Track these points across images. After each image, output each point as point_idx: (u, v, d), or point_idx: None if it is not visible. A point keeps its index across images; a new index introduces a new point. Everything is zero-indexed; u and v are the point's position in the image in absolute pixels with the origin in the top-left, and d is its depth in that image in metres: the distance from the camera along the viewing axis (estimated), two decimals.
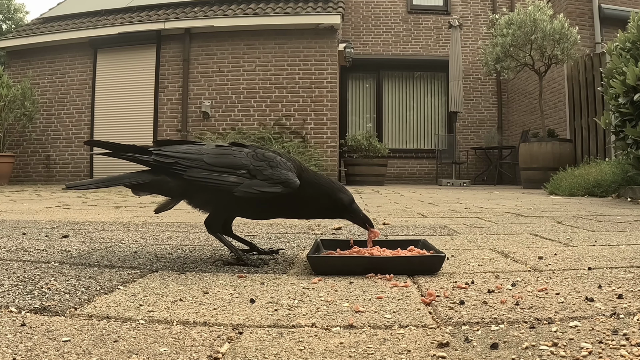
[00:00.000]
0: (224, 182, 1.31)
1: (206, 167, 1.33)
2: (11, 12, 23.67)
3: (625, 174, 5.06)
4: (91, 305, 0.95)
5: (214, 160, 1.34)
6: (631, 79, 4.39)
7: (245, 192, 1.30)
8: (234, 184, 1.31)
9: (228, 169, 1.33)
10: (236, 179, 1.32)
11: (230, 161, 1.34)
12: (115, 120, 10.21)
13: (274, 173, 1.32)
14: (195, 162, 1.33)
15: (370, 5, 12.84)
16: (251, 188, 1.30)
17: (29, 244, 1.73)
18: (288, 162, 1.36)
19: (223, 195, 1.34)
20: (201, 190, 1.36)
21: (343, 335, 0.79)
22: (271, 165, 1.33)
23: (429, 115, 12.99)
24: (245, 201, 1.33)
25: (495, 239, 1.92)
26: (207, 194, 1.37)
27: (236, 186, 1.31)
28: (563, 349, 0.70)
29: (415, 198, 5.13)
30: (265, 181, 1.32)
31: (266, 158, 1.35)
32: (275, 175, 1.32)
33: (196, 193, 1.39)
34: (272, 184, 1.31)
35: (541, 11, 8.01)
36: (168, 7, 10.86)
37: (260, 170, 1.32)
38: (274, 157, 1.35)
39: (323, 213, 1.43)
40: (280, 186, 1.31)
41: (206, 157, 1.34)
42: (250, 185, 1.31)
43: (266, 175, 1.32)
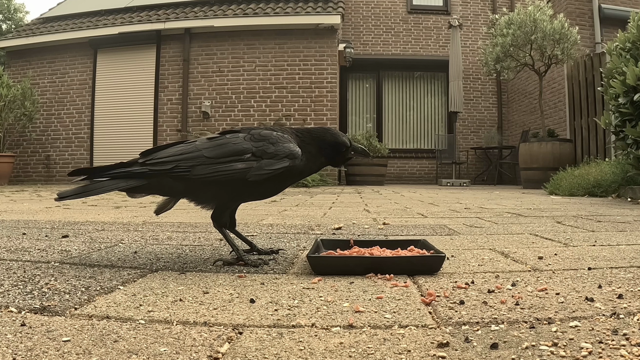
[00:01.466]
0: (234, 171, 1.30)
1: (209, 161, 1.30)
2: (11, 12, 23.67)
3: (625, 174, 5.06)
4: (91, 305, 0.95)
5: (214, 153, 1.31)
6: (631, 79, 4.39)
7: (259, 174, 1.31)
8: (245, 170, 1.30)
9: (232, 156, 1.31)
10: (244, 164, 1.31)
11: (231, 149, 1.32)
12: (115, 120, 10.21)
13: (278, 149, 1.33)
14: (196, 159, 1.30)
15: (370, 5, 12.84)
16: (262, 169, 1.31)
17: (29, 244, 1.72)
18: (285, 135, 1.37)
19: (234, 184, 1.33)
20: (207, 185, 1.33)
21: (343, 335, 0.79)
22: (272, 142, 1.34)
23: (429, 115, 12.99)
24: (256, 184, 1.34)
25: (495, 239, 1.92)
26: (214, 188, 1.35)
27: (247, 171, 1.30)
28: (563, 349, 0.70)
29: (415, 198, 5.13)
30: (273, 159, 1.32)
31: (264, 137, 1.35)
32: (280, 150, 1.33)
33: (202, 189, 1.36)
34: (280, 160, 1.32)
35: (541, 11, 8.02)
36: (168, 7, 10.86)
37: (264, 150, 1.32)
38: (271, 134, 1.36)
39: (329, 163, 1.46)
40: (286, 160, 1.33)
41: (205, 151, 1.32)
42: (261, 167, 1.31)
43: (271, 153, 1.32)
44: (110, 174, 1.31)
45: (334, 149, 1.43)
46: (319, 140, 1.42)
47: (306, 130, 1.46)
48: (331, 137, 1.43)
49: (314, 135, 1.43)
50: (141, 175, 1.31)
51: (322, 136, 1.43)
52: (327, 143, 1.42)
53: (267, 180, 1.35)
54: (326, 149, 1.42)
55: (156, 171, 1.30)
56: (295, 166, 1.35)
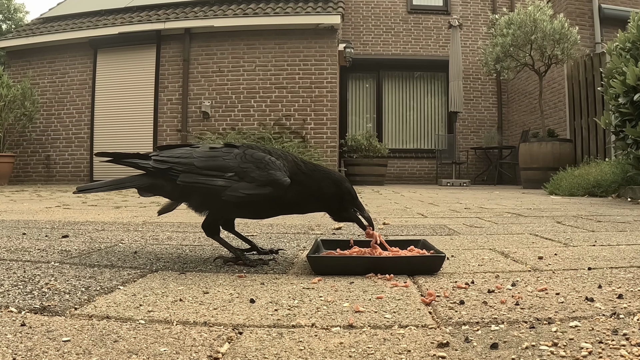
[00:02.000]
0: (212, 186, 1.30)
1: (196, 171, 1.32)
2: (11, 12, 23.67)
3: (625, 174, 5.06)
4: (91, 305, 0.95)
5: (203, 164, 1.33)
6: (631, 79, 4.39)
7: (232, 195, 1.28)
8: (222, 188, 1.29)
9: (217, 172, 1.31)
10: (223, 182, 1.29)
11: (219, 164, 1.32)
12: (115, 120, 10.21)
13: (261, 174, 1.29)
14: (187, 166, 1.33)
15: (370, 5, 12.84)
16: (237, 191, 1.28)
17: (29, 244, 1.72)
18: (278, 161, 1.32)
19: (214, 199, 1.32)
20: (194, 193, 1.36)
21: (343, 335, 0.79)
22: (259, 166, 1.30)
23: (429, 115, 12.99)
24: (236, 204, 1.31)
25: (495, 239, 1.92)
26: (200, 198, 1.37)
27: (224, 190, 1.29)
28: (563, 349, 0.70)
29: (415, 198, 5.13)
30: (253, 183, 1.29)
31: (255, 159, 1.32)
32: (263, 176, 1.29)
33: (191, 196, 1.39)
34: (260, 186, 1.28)
35: (541, 11, 8.01)
36: (168, 7, 10.86)
37: (247, 172, 1.30)
38: (263, 157, 1.32)
39: (327, 207, 1.38)
40: (268, 187, 1.28)
41: (197, 160, 1.33)
42: (237, 189, 1.28)
43: (253, 177, 1.29)
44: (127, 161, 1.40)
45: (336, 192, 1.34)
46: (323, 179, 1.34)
47: (311, 163, 1.39)
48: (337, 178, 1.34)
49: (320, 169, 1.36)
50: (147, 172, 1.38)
51: (327, 175, 1.35)
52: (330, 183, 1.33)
53: (245, 204, 1.31)
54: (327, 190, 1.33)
55: (155, 169, 1.35)
56: (278, 197, 1.30)
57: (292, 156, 1.39)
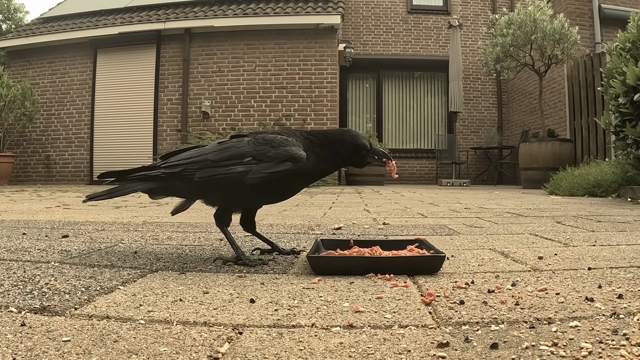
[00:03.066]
0: (233, 174, 1.33)
1: (212, 165, 1.35)
2: (11, 12, 23.68)
3: (625, 174, 5.06)
4: (91, 305, 0.95)
5: (218, 156, 1.36)
6: (631, 79, 4.39)
7: (256, 177, 1.32)
8: (243, 173, 1.33)
9: (234, 160, 1.35)
10: (243, 167, 1.33)
11: (233, 152, 1.36)
12: (115, 120, 10.21)
13: (278, 152, 1.33)
14: (202, 163, 1.36)
15: (370, 5, 12.84)
16: (259, 172, 1.32)
17: (29, 244, 1.72)
18: (290, 138, 1.37)
19: (236, 187, 1.35)
20: (213, 187, 1.38)
21: (343, 335, 0.79)
22: (273, 145, 1.34)
23: (429, 115, 12.99)
24: (260, 188, 1.35)
25: (495, 239, 1.92)
26: (219, 191, 1.39)
27: (245, 174, 1.32)
28: (563, 349, 0.70)
29: (415, 198, 5.13)
30: (272, 162, 1.33)
31: (267, 141, 1.36)
32: (280, 154, 1.33)
33: (209, 191, 1.41)
34: (279, 163, 1.32)
35: (541, 11, 8.01)
36: (168, 7, 10.86)
37: (264, 153, 1.34)
38: (274, 137, 1.37)
39: (348, 162, 1.45)
40: (287, 163, 1.33)
41: (210, 155, 1.37)
42: (259, 170, 1.32)
43: (270, 157, 1.33)
44: (134, 176, 1.42)
45: (353, 151, 1.41)
46: (337, 143, 1.40)
47: (322, 132, 1.44)
48: (350, 138, 1.41)
49: (331, 138, 1.41)
50: (157, 177, 1.39)
51: (340, 138, 1.41)
52: (346, 145, 1.40)
53: (269, 184, 1.35)
54: (344, 152, 1.40)
55: (168, 174, 1.38)
56: (298, 169, 1.34)
57: (300, 131, 1.44)
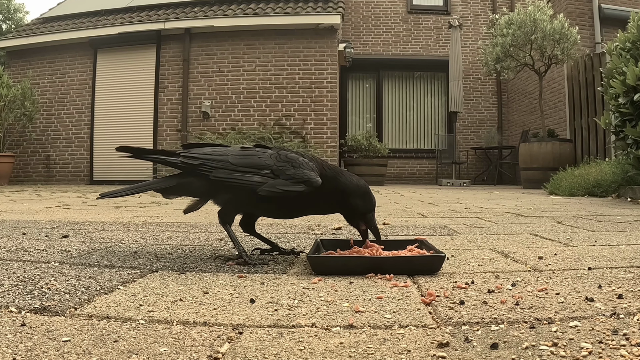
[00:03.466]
0: (249, 182, 1.35)
1: (231, 167, 1.37)
2: (11, 12, 23.67)
3: (625, 174, 5.06)
4: (91, 305, 0.95)
5: (238, 161, 1.38)
6: (631, 79, 4.39)
7: (269, 191, 1.34)
8: (258, 184, 1.35)
9: (252, 169, 1.37)
10: (260, 178, 1.35)
11: (254, 162, 1.38)
12: (116, 120, 10.21)
13: (297, 172, 1.35)
14: (221, 163, 1.38)
15: (370, 5, 12.83)
16: (275, 187, 1.34)
17: (29, 244, 1.72)
18: (310, 162, 1.39)
19: (246, 194, 1.37)
20: (225, 189, 1.40)
21: (343, 335, 0.79)
22: (294, 165, 1.36)
23: (429, 115, 12.99)
24: (268, 201, 1.37)
25: (495, 239, 1.92)
26: (230, 194, 1.41)
27: (260, 185, 1.34)
28: (563, 349, 0.70)
29: (415, 198, 5.13)
30: (289, 180, 1.35)
31: (289, 159, 1.38)
32: (298, 175, 1.35)
33: (220, 192, 1.43)
34: (295, 183, 1.34)
35: (541, 11, 8.01)
36: (168, 7, 10.86)
37: (284, 170, 1.36)
38: (297, 158, 1.39)
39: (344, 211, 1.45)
40: (302, 185, 1.34)
41: (231, 158, 1.39)
42: (274, 185, 1.34)
43: (289, 175, 1.35)
44: (151, 157, 1.45)
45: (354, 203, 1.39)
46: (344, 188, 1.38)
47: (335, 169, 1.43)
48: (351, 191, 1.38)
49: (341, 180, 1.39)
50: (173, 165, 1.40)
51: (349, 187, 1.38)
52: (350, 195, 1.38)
53: (279, 200, 1.37)
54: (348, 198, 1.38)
55: (186, 164, 1.39)
56: (307, 194, 1.36)
57: (320, 160, 1.45)
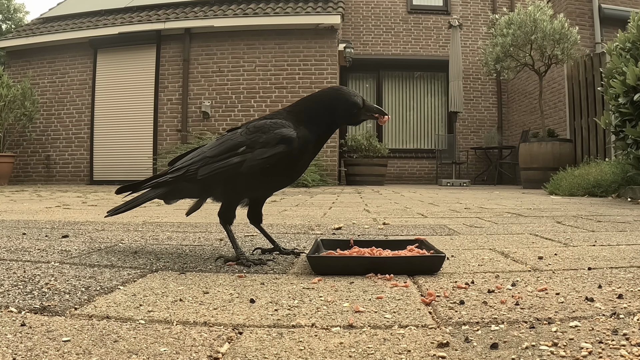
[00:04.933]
0: (230, 165, 1.34)
1: (211, 160, 1.37)
2: (11, 12, 23.68)
3: (625, 174, 5.06)
4: (91, 305, 0.95)
5: (215, 152, 1.38)
6: (631, 79, 4.39)
7: (251, 165, 1.32)
8: (239, 163, 1.33)
9: (229, 152, 1.36)
10: (239, 158, 1.34)
11: (228, 145, 1.37)
12: (115, 120, 10.21)
13: (269, 136, 1.32)
14: (201, 161, 1.38)
15: (370, 5, 12.84)
16: (254, 160, 1.32)
17: (29, 244, 1.72)
18: (278, 120, 1.36)
19: (237, 179, 1.36)
20: (216, 183, 1.40)
21: (343, 335, 0.79)
22: (263, 131, 1.34)
23: (429, 115, 12.99)
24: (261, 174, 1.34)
25: (495, 239, 1.92)
26: (223, 185, 1.40)
27: (241, 164, 1.33)
28: (563, 349, 0.70)
29: (415, 198, 5.13)
30: (265, 147, 1.32)
31: (257, 128, 1.36)
32: (271, 138, 1.32)
33: (214, 188, 1.43)
34: (273, 147, 1.32)
35: (541, 11, 8.01)
36: (168, 7, 10.86)
37: (256, 140, 1.34)
38: (264, 123, 1.37)
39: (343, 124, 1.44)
40: (280, 145, 1.32)
41: (208, 152, 1.39)
42: (254, 158, 1.32)
43: (262, 142, 1.33)
44: (147, 185, 1.49)
45: (346, 111, 1.38)
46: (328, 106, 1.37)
47: (308, 98, 1.42)
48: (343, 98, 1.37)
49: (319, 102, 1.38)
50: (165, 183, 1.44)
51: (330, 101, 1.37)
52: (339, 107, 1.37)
53: (268, 170, 1.34)
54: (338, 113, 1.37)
55: (175, 178, 1.41)
56: (293, 150, 1.33)
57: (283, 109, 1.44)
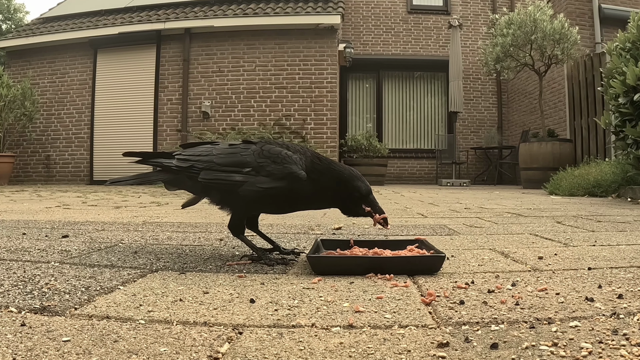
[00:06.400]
0: (230, 182, 1.33)
1: (216, 167, 1.35)
2: (11, 12, 23.67)
3: (625, 174, 5.06)
4: (91, 305, 0.95)
5: (222, 160, 1.36)
6: (631, 79, 4.39)
7: (249, 190, 1.31)
8: (239, 183, 1.32)
9: (235, 167, 1.34)
10: (241, 177, 1.32)
11: (237, 160, 1.35)
12: (116, 120, 10.20)
13: (277, 168, 1.31)
14: (207, 163, 1.37)
15: (370, 5, 12.83)
16: (254, 186, 1.31)
17: (29, 244, 1.72)
18: (294, 155, 1.34)
19: (233, 194, 1.35)
20: (214, 189, 1.39)
21: (343, 335, 0.79)
22: (275, 160, 1.32)
23: (429, 115, 12.98)
24: (255, 198, 1.33)
25: (495, 239, 1.92)
26: (219, 194, 1.40)
27: (241, 185, 1.32)
28: (563, 349, 0.70)
29: (415, 198, 5.13)
30: (269, 177, 1.31)
31: (271, 154, 1.34)
32: (278, 170, 1.31)
33: (212, 193, 1.42)
34: (276, 180, 1.30)
35: (541, 11, 8.01)
36: (168, 7, 10.86)
37: (264, 167, 1.32)
38: (279, 152, 1.34)
39: (340, 203, 1.37)
40: (284, 181, 1.30)
41: (216, 157, 1.37)
42: (254, 183, 1.31)
43: (269, 171, 1.31)
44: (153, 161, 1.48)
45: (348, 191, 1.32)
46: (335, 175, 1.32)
47: (327, 161, 1.38)
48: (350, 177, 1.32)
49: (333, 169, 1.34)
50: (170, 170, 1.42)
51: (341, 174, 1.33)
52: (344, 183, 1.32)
53: (263, 198, 1.33)
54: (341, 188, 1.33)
55: (178, 167, 1.39)
56: (295, 190, 1.31)
57: (311, 152, 1.40)
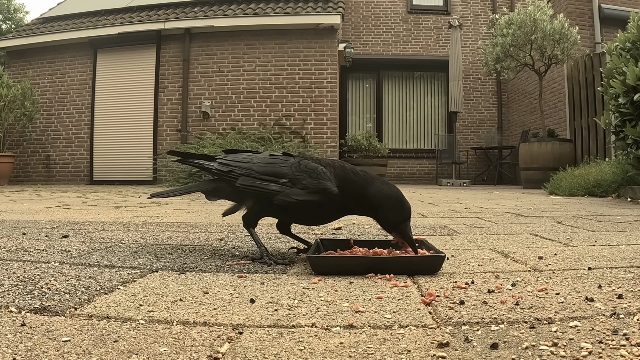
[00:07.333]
0: (267, 190, 1.39)
1: (254, 175, 1.42)
2: (11, 12, 23.67)
3: (625, 174, 5.06)
4: (91, 305, 0.95)
5: (261, 169, 1.43)
6: (631, 79, 4.39)
7: (284, 200, 1.37)
8: (275, 192, 1.38)
9: (272, 177, 1.41)
10: (278, 187, 1.39)
11: (275, 170, 1.42)
12: (116, 120, 10.20)
13: (312, 182, 1.37)
14: (247, 170, 1.43)
15: (370, 5, 12.83)
16: (289, 197, 1.37)
17: (29, 244, 1.72)
18: (328, 172, 1.40)
19: (267, 202, 1.41)
20: (249, 196, 1.45)
21: (343, 335, 0.79)
22: (311, 175, 1.39)
23: (429, 115, 12.98)
24: (287, 208, 1.40)
25: (495, 239, 1.92)
26: (253, 200, 1.46)
27: (276, 194, 1.38)
28: (563, 349, 0.70)
29: (415, 198, 5.13)
30: (304, 190, 1.38)
31: (308, 169, 1.40)
32: (313, 184, 1.37)
33: (247, 198, 1.48)
34: (310, 193, 1.37)
35: (541, 11, 8.01)
36: (168, 7, 10.86)
37: (300, 180, 1.39)
38: (315, 168, 1.41)
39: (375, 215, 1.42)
40: (318, 195, 1.37)
41: (255, 166, 1.44)
42: (289, 194, 1.37)
43: (304, 185, 1.38)
44: (193, 162, 1.53)
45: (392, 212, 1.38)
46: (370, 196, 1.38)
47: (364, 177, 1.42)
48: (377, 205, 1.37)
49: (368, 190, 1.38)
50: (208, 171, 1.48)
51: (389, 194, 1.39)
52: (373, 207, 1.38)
53: (296, 209, 1.40)
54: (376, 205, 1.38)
55: (218, 171, 1.45)
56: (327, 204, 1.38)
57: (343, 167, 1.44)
